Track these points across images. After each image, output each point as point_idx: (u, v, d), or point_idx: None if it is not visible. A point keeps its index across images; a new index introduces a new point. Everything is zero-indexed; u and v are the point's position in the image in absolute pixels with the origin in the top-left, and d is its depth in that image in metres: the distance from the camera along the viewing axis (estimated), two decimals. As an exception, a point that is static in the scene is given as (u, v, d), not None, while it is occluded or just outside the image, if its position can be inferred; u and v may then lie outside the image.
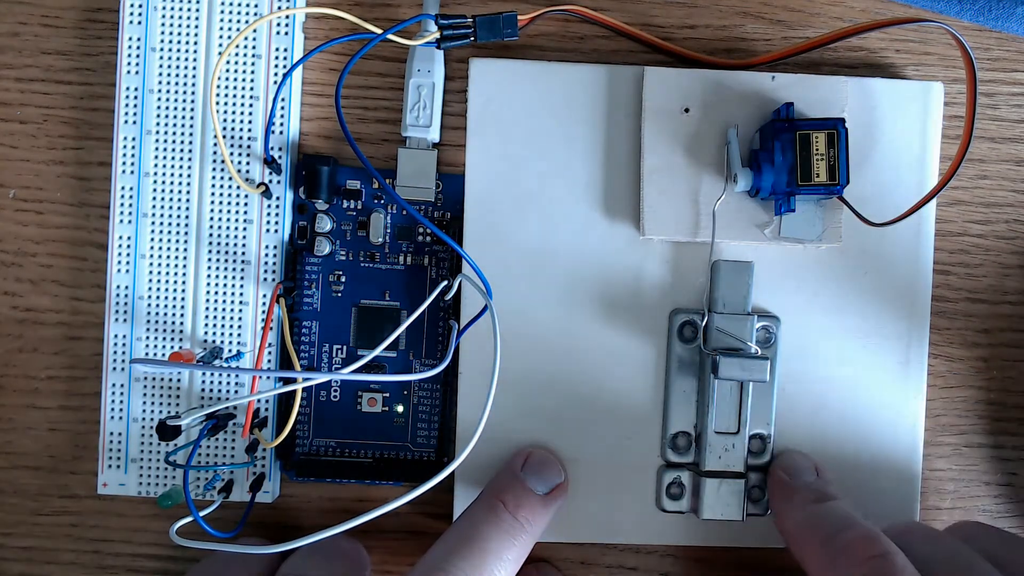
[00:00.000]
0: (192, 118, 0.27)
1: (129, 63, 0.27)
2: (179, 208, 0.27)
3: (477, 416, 0.24)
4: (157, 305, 0.27)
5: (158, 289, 0.27)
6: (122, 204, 0.27)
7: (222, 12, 0.27)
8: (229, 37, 0.27)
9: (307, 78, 0.29)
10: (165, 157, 0.27)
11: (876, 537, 0.22)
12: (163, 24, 0.27)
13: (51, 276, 0.29)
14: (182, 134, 0.27)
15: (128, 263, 0.27)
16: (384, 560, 0.29)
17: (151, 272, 0.27)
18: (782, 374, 0.28)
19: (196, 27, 0.27)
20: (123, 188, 0.27)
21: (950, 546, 0.24)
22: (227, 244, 0.27)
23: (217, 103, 0.27)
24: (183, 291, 0.27)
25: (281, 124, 0.28)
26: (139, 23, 0.27)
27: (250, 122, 0.27)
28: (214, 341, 0.27)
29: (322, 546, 0.26)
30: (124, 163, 0.27)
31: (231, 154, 0.27)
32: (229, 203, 0.27)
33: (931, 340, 0.29)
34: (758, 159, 0.26)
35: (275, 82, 0.27)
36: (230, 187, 0.27)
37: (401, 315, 0.28)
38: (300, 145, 0.29)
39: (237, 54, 0.27)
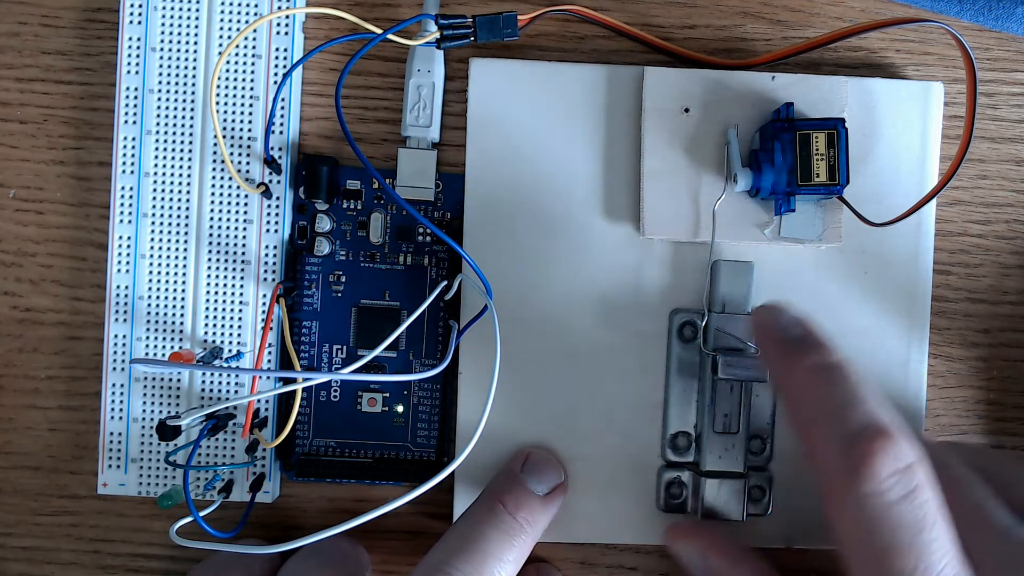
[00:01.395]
0: (192, 118, 0.27)
1: (129, 63, 0.27)
2: (179, 208, 0.27)
3: (477, 416, 0.24)
4: (157, 305, 0.27)
5: (158, 289, 0.27)
6: (122, 204, 0.27)
7: (222, 12, 0.27)
8: (229, 37, 0.27)
9: (307, 78, 0.29)
10: (165, 157, 0.27)
11: (901, 442, 0.20)
12: (163, 24, 0.27)
13: (51, 276, 0.29)
14: (182, 134, 0.27)
15: (128, 263, 0.27)
16: (384, 560, 0.29)
17: (151, 272, 0.27)
18: (782, 374, 0.28)
19: (196, 27, 0.27)
20: (123, 188, 0.27)
21: (944, 460, 0.23)
22: (227, 244, 0.27)
23: (217, 103, 0.27)
24: (183, 291, 0.27)
25: (281, 124, 0.28)
26: (139, 23, 0.27)
27: (250, 122, 0.27)
28: (214, 341, 0.27)
29: (322, 548, 0.26)
30: (124, 163, 0.27)
31: (231, 154, 0.27)
32: (229, 203, 0.27)
33: (931, 340, 0.29)
34: (758, 159, 0.26)
35: (275, 82, 0.27)
36: (230, 187, 0.27)
37: (401, 315, 0.28)
38: (300, 145, 0.29)
39: (237, 54, 0.27)
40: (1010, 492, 0.22)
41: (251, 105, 0.27)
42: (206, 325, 0.27)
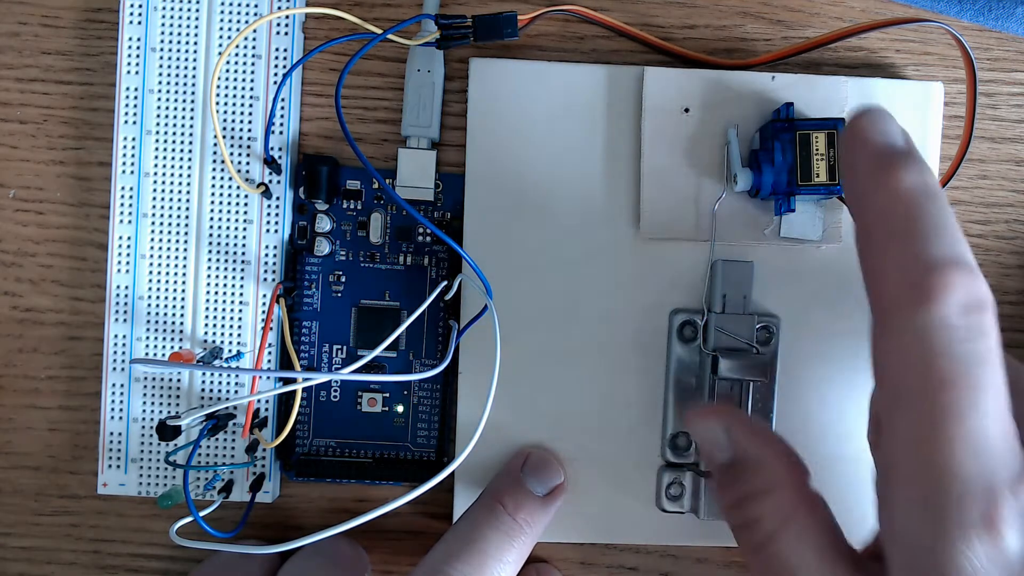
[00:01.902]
0: (192, 118, 0.27)
1: (129, 63, 0.27)
2: (179, 208, 0.27)
3: (477, 416, 0.24)
4: (157, 305, 0.27)
5: (158, 289, 0.27)
6: (122, 204, 0.27)
7: (222, 12, 0.27)
8: (229, 37, 0.27)
9: (307, 78, 0.29)
10: (165, 157, 0.27)
11: (979, 280, 0.18)
12: (163, 24, 0.27)
13: (51, 276, 0.29)
14: (182, 134, 0.27)
15: (128, 263, 0.27)
16: (384, 560, 0.29)
17: (151, 272, 0.27)
18: (782, 374, 0.28)
19: (196, 27, 0.27)
20: (123, 188, 0.27)
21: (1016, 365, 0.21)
22: (227, 244, 0.27)
23: (217, 103, 0.27)
24: (183, 291, 0.27)
25: (281, 124, 0.28)
26: (139, 23, 0.27)
27: (250, 122, 0.27)
28: (214, 341, 0.27)
29: (322, 549, 0.26)
30: (124, 163, 0.27)
31: (231, 154, 0.27)
32: (229, 203, 0.27)
33: (931, 340, 0.29)
34: (758, 159, 0.26)
35: (275, 82, 0.27)
36: (230, 187, 0.27)
37: (401, 315, 0.28)
38: (300, 145, 0.29)
39: (237, 54, 0.27)
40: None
41: (251, 105, 0.27)
42: (206, 325, 0.27)
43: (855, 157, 0.21)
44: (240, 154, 0.27)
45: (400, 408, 0.28)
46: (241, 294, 0.27)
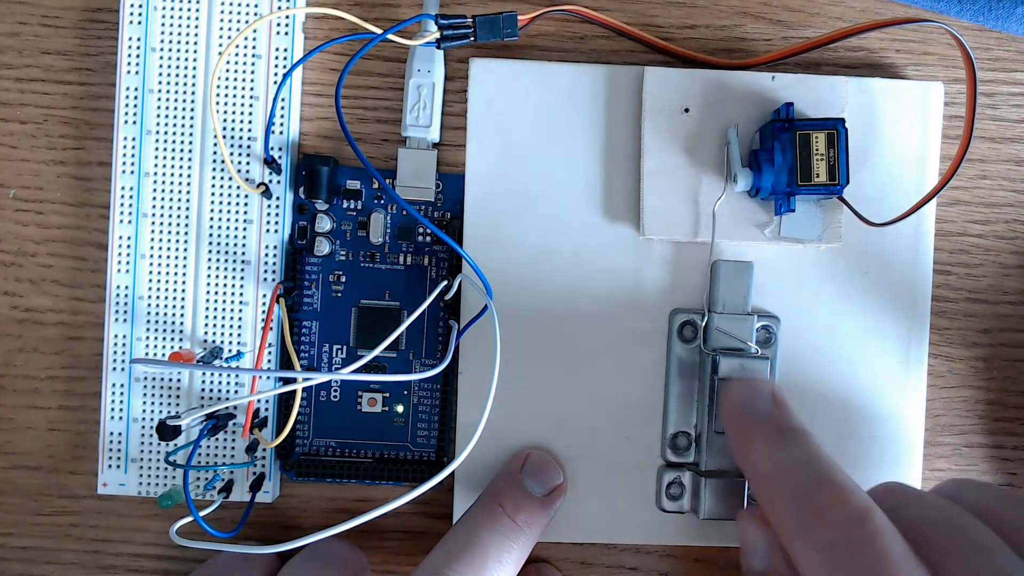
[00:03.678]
0: (192, 118, 0.27)
1: (129, 63, 0.27)
2: (179, 208, 0.27)
3: (477, 416, 0.24)
4: (157, 305, 0.27)
5: (158, 289, 0.27)
6: (122, 204, 0.27)
7: (222, 12, 0.27)
8: (229, 37, 0.27)
9: (307, 78, 0.29)
10: (165, 157, 0.27)
11: (851, 493, 0.21)
12: (163, 24, 0.27)
13: (51, 276, 0.29)
14: (182, 134, 0.27)
15: (128, 263, 0.27)
16: (384, 560, 0.29)
17: (151, 272, 0.27)
18: (782, 374, 0.28)
19: (196, 27, 0.27)
20: (123, 188, 0.27)
21: (936, 505, 0.22)
22: (227, 244, 0.27)
23: (217, 103, 0.27)
24: (183, 291, 0.27)
25: (281, 124, 0.28)
26: (139, 23, 0.27)
27: (250, 122, 0.27)
28: (214, 341, 0.27)
29: (322, 551, 0.26)
30: (124, 163, 0.27)
31: (231, 154, 0.27)
32: (229, 203, 0.27)
33: (931, 340, 0.29)
34: (758, 159, 0.26)
35: (275, 82, 0.27)
36: (230, 187, 0.27)
37: (401, 315, 0.28)
38: (300, 145, 0.29)
39: (237, 54, 0.27)
40: (1018, 537, 0.21)
41: (251, 105, 0.27)
42: (206, 325, 0.27)
43: (726, 424, 0.25)
44: (240, 154, 0.27)
45: (400, 408, 0.28)
46: (241, 294, 0.27)
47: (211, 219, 0.27)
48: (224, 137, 0.27)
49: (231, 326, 0.27)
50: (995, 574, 0.20)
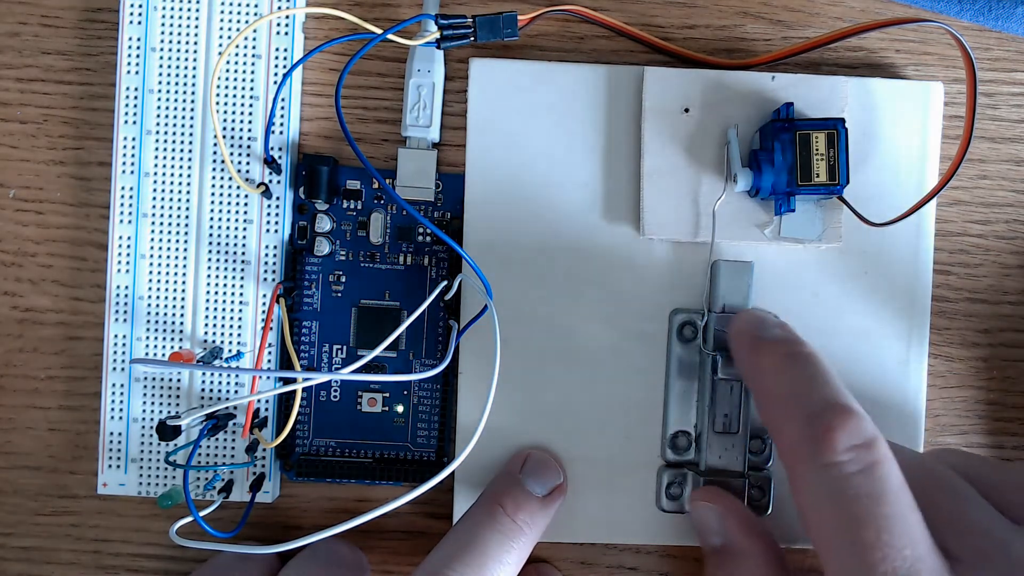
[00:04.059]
0: (192, 118, 0.27)
1: (129, 63, 0.27)
2: (179, 208, 0.27)
3: (477, 416, 0.24)
4: (157, 305, 0.27)
5: (158, 289, 0.27)
6: (122, 204, 0.27)
7: (222, 12, 0.27)
8: (229, 37, 0.27)
9: (307, 78, 0.29)
10: (165, 157, 0.27)
11: (861, 418, 0.21)
12: (163, 24, 0.27)
13: (51, 276, 0.29)
14: (182, 134, 0.27)
15: (128, 263, 0.27)
16: (384, 560, 0.29)
17: (151, 272, 0.27)
18: (782, 374, 0.28)
19: (196, 27, 0.27)
20: (123, 188, 0.27)
21: (930, 465, 0.23)
22: (227, 244, 0.27)
23: (217, 103, 0.27)
24: (183, 291, 0.27)
25: (281, 124, 0.28)
26: (139, 23, 0.27)
27: (250, 122, 0.27)
28: (214, 341, 0.27)
29: (322, 552, 0.26)
30: (124, 163, 0.27)
31: (231, 154, 0.27)
32: (229, 203, 0.27)
33: (931, 340, 0.29)
34: (758, 159, 0.26)
35: (275, 82, 0.27)
36: (230, 187, 0.27)
37: (401, 315, 0.28)
38: (300, 145, 0.29)
39: (237, 54, 0.27)
40: (996, 495, 0.22)
41: (251, 105, 0.27)
42: (206, 325, 0.27)
43: (737, 345, 0.25)
44: (240, 154, 0.27)
45: (400, 408, 0.28)
46: (241, 294, 0.27)
47: (211, 219, 0.27)
48: (224, 137, 0.27)
49: (231, 326, 0.27)
50: (983, 523, 0.21)
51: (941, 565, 0.20)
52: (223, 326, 0.27)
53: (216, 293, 0.27)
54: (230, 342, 0.27)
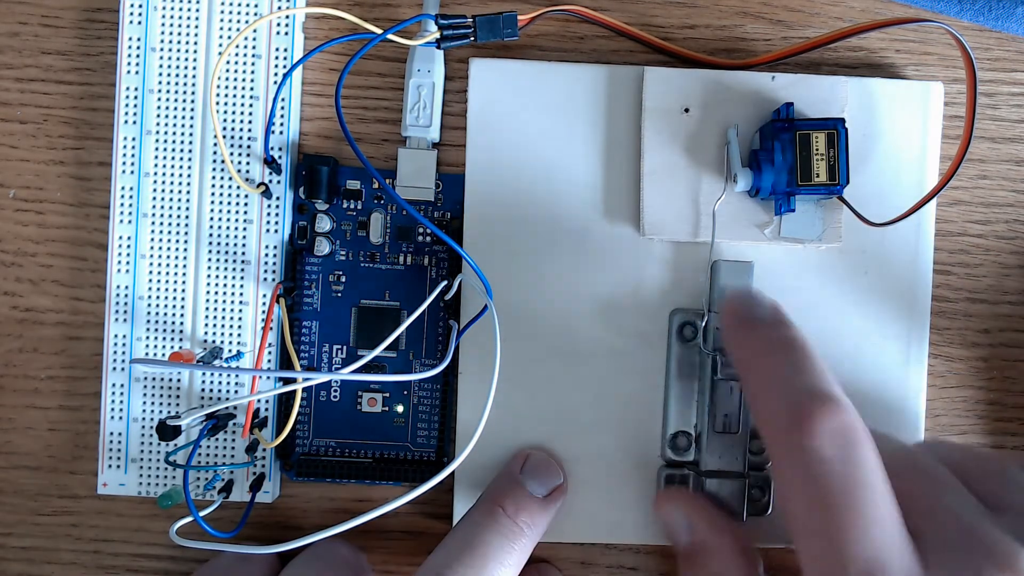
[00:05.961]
0: (192, 118, 0.27)
1: (129, 63, 0.27)
2: (179, 208, 0.27)
3: (477, 416, 0.24)
4: (157, 305, 0.27)
5: (158, 289, 0.27)
6: (122, 204, 0.27)
7: (222, 12, 0.27)
8: (229, 37, 0.27)
9: (307, 78, 0.29)
10: (165, 157, 0.27)
11: (844, 407, 0.21)
12: (163, 24, 0.27)
13: (51, 276, 0.29)
14: (182, 134, 0.27)
15: (128, 263, 0.27)
16: (384, 560, 0.29)
17: (151, 272, 0.27)
18: (782, 374, 0.28)
19: (196, 27, 0.27)
20: (123, 188, 0.27)
21: (914, 454, 0.23)
22: (227, 244, 0.27)
23: (217, 103, 0.27)
24: (183, 291, 0.27)
25: (281, 124, 0.28)
26: (139, 23, 0.27)
27: (250, 122, 0.27)
28: (214, 341, 0.27)
29: (322, 553, 0.26)
30: (124, 163, 0.27)
31: (231, 154, 0.27)
32: (229, 203, 0.27)
33: (931, 340, 0.29)
34: (758, 159, 0.26)
35: (275, 82, 0.27)
36: (230, 187, 0.27)
37: (401, 315, 0.28)
38: (300, 145, 0.29)
39: (237, 54, 0.27)
40: (977, 484, 0.22)
41: (251, 105, 0.27)
42: (206, 325, 0.27)
43: (728, 325, 0.25)
44: (240, 154, 0.27)
45: (400, 408, 0.28)
46: (241, 294, 0.27)
47: (211, 219, 0.27)
48: (224, 137, 0.27)
49: (231, 326, 0.27)
50: (956, 509, 0.21)
51: (909, 548, 0.20)
52: (223, 326, 0.27)
53: (216, 293, 0.27)
54: (230, 342, 0.27)
